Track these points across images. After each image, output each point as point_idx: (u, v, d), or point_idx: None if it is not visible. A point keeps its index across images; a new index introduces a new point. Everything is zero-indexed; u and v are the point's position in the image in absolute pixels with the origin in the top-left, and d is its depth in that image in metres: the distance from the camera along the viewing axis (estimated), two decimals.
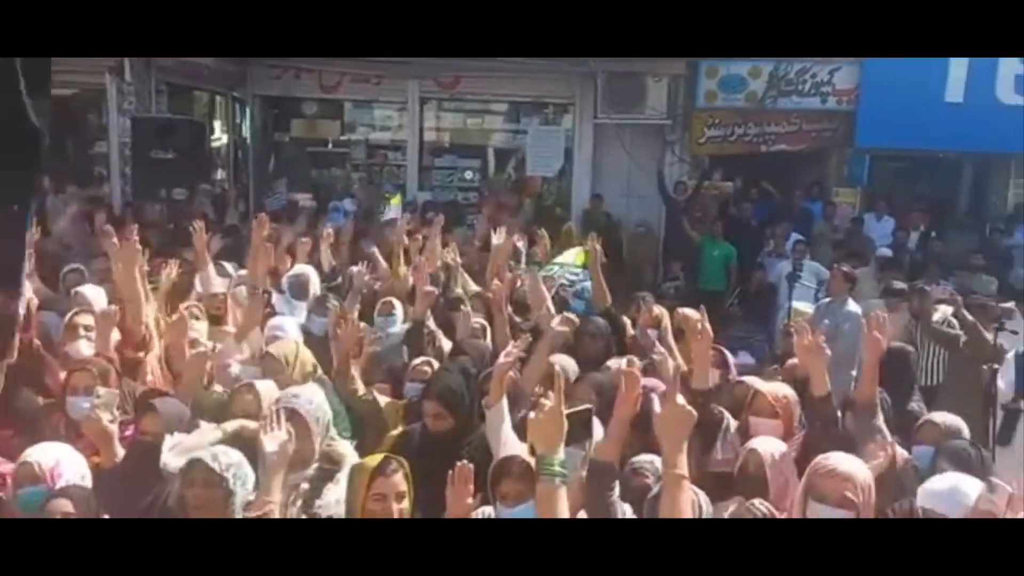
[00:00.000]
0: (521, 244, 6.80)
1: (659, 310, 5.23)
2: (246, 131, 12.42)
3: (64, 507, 2.70)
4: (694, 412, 2.35)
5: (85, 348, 4.13)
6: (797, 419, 3.41)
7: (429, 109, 12.43)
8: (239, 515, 2.65)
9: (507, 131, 12.98)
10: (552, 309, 4.98)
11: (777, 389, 3.48)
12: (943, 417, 3.51)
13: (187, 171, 8.73)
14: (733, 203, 11.58)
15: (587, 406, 2.81)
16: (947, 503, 2.58)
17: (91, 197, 8.99)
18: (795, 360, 4.05)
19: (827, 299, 6.78)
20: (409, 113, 12.08)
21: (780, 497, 2.92)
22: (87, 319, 4.26)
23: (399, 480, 2.68)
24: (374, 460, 2.82)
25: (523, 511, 2.75)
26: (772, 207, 11.42)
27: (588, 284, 6.31)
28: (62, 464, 2.97)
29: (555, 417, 2.30)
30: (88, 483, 2.95)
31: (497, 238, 6.48)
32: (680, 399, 2.39)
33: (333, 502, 2.94)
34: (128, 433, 3.40)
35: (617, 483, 2.91)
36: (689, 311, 4.92)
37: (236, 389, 3.62)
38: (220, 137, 12.07)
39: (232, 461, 2.71)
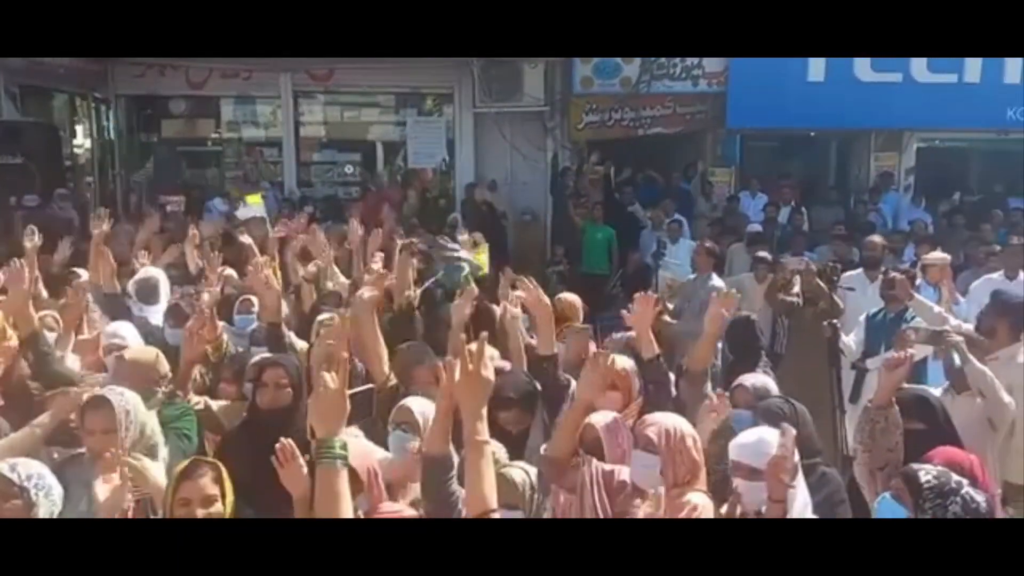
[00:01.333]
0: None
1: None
2: (110, 133, 11.87)
3: None
4: (489, 379, 2.35)
5: None
6: (637, 389, 3.48)
7: (305, 103, 12.18)
8: None
9: (387, 123, 12.82)
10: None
11: (616, 361, 3.54)
12: (752, 379, 3.67)
13: (38, 176, 8.27)
14: (614, 187, 11.78)
15: (369, 386, 2.80)
16: (752, 453, 2.75)
17: None
18: (629, 332, 4.16)
19: (693, 275, 6.97)
20: (283, 108, 11.79)
21: (618, 463, 2.99)
22: None
23: (206, 483, 2.59)
24: (182, 464, 2.74)
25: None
26: (655, 190, 11.69)
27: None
28: None
29: (336, 399, 2.27)
30: None
31: (371, 239, 6.39)
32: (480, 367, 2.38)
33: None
34: None
35: (454, 472, 2.90)
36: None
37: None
38: (83, 142, 11.48)
39: (32, 472, 2.64)
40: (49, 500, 2.62)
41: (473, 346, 2.41)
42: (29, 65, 9.42)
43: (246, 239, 6.65)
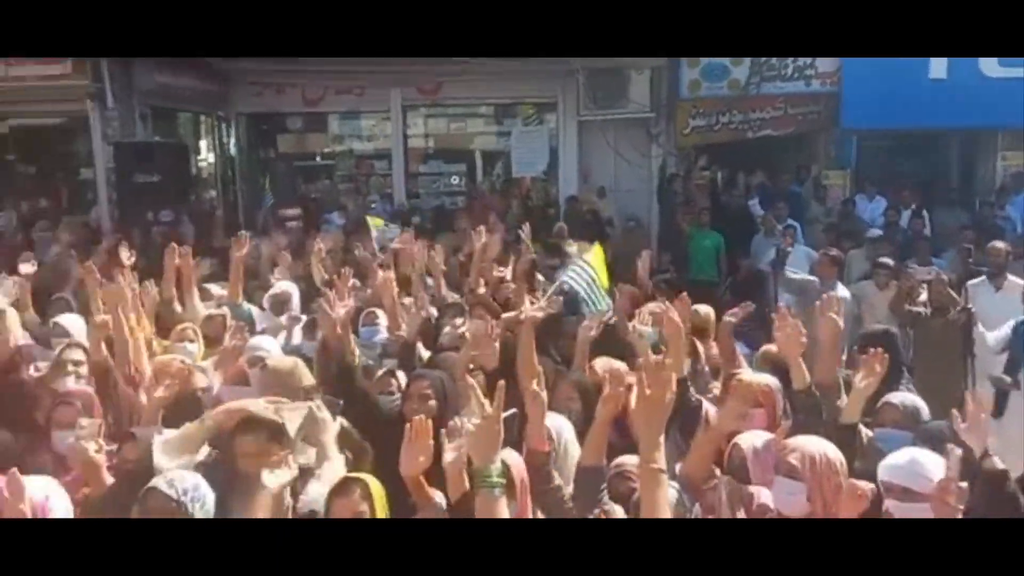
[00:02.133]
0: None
1: (654, 305, 5.24)
2: (232, 150, 12.44)
3: None
4: (668, 404, 2.31)
5: (72, 384, 4.11)
6: (781, 408, 3.39)
7: (412, 116, 12.45)
8: None
9: (491, 134, 13.00)
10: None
11: (760, 378, 3.48)
12: (900, 397, 3.50)
13: (172, 193, 8.75)
14: (721, 191, 11.57)
15: (514, 411, 2.83)
16: (907, 474, 2.66)
17: (82, 224, 9.00)
18: (769, 346, 4.05)
19: (817, 284, 6.75)
20: (393, 122, 12.09)
21: (767, 486, 2.93)
22: (76, 354, 4.25)
23: (356, 500, 2.69)
24: (336, 482, 2.86)
25: None
26: (768, 193, 11.40)
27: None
28: (51, 499, 2.96)
29: (490, 428, 2.29)
30: (71, 516, 2.94)
31: (479, 239, 6.49)
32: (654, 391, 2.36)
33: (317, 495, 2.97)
34: (115, 461, 3.39)
35: (605, 485, 2.93)
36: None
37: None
38: (206, 157, 12.07)
39: (188, 485, 2.71)
40: (204, 511, 2.71)
41: (652, 367, 2.37)
42: (158, 87, 9.98)
43: (363, 253, 6.84)
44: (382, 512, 2.71)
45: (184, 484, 2.71)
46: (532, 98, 12.22)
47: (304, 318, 5.55)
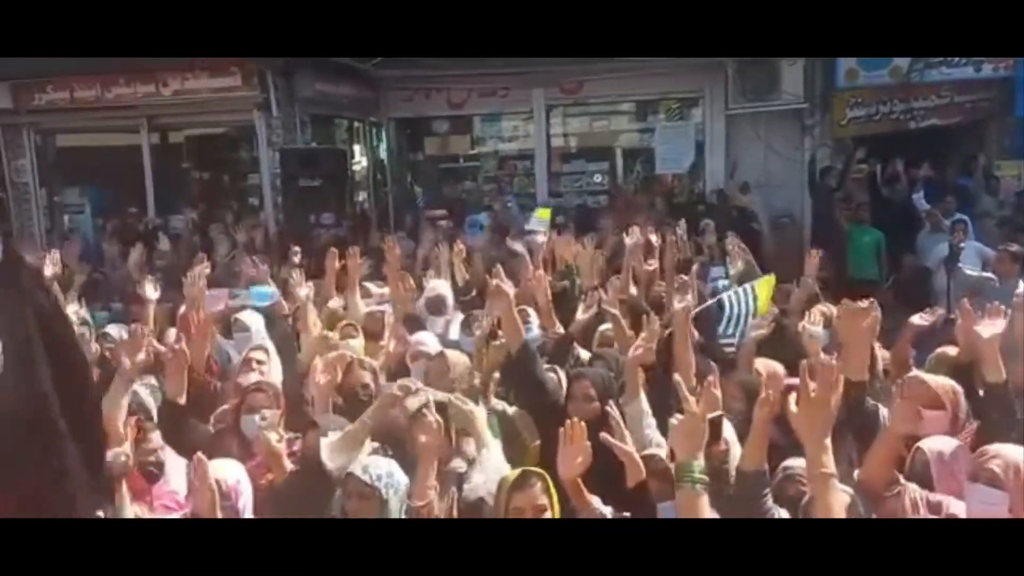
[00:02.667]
0: (655, 239, 6.70)
1: (825, 308, 5.07)
2: (383, 153, 12.94)
3: None
4: (834, 408, 2.24)
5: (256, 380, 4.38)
6: (964, 412, 3.19)
7: (555, 116, 12.53)
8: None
9: (634, 131, 12.89)
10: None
11: (939, 379, 3.28)
12: None
13: (332, 196, 9.20)
14: (881, 185, 10.97)
15: (718, 413, 2.78)
16: None
17: (252, 225, 9.60)
18: (946, 349, 3.81)
19: (996, 282, 6.30)
20: (536, 122, 12.21)
21: (952, 494, 2.78)
22: (260, 355, 4.56)
23: (537, 493, 2.72)
24: (513, 474, 2.91)
25: (665, 509, 2.77)
26: (933, 187, 10.72)
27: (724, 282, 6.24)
28: (241, 483, 3.20)
29: (696, 423, 2.27)
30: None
31: (630, 238, 6.46)
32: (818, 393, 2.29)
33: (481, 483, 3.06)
34: (295, 448, 3.62)
35: (768, 489, 2.86)
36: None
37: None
38: (360, 161, 12.61)
39: (382, 471, 2.87)
40: (398, 497, 2.85)
41: (821, 369, 2.31)
42: (317, 95, 10.53)
43: (521, 248, 6.94)
44: (558, 508, 2.75)
45: (379, 470, 2.87)
46: (677, 93, 12.02)
47: (460, 315, 5.71)
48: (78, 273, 6.97)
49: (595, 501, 2.85)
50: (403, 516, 2.86)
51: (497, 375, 4.34)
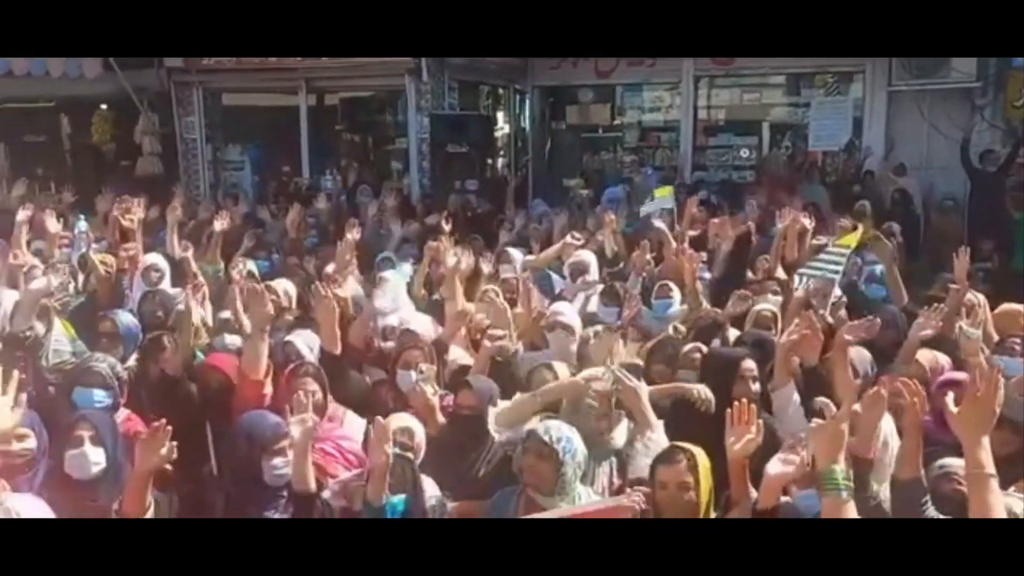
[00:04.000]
0: (809, 223, 6.45)
1: (975, 298, 4.79)
2: (524, 121, 13.02)
3: None
4: (996, 406, 2.15)
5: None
6: None
7: (702, 87, 12.20)
8: (572, 485, 2.89)
9: (787, 105, 12.40)
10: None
11: None
12: None
13: (477, 163, 9.37)
14: None
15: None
16: None
17: (397, 189, 9.92)
18: None
19: None
20: (683, 92, 11.95)
21: None
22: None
23: (682, 470, 2.72)
24: (665, 447, 2.94)
25: (807, 497, 2.72)
26: None
27: (881, 267, 5.94)
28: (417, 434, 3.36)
29: (836, 429, 2.22)
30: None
31: (782, 220, 6.28)
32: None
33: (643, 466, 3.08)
34: (446, 404, 3.78)
35: (928, 496, 2.77)
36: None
37: (535, 368, 3.92)
38: (502, 127, 12.74)
39: (563, 435, 2.92)
40: (575, 463, 2.92)
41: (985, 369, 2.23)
42: (467, 62, 10.69)
43: (661, 224, 6.86)
44: (706, 485, 2.74)
45: (560, 433, 2.94)
46: (836, 67, 11.44)
47: (601, 285, 5.73)
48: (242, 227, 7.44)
49: (753, 492, 2.79)
50: (575, 483, 2.93)
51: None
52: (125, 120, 11.63)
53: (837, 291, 5.16)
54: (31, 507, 2.53)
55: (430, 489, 3.10)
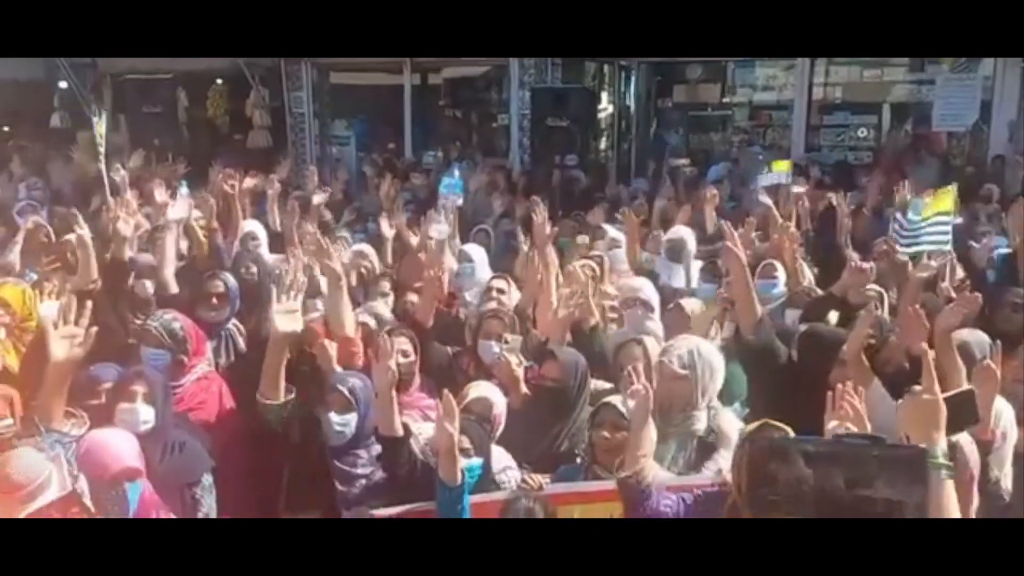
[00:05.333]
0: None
1: None
2: (629, 99, 12.74)
3: None
4: None
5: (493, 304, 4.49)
6: None
7: (819, 64, 11.61)
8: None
9: (910, 83, 11.67)
10: None
11: None
12: None
13: (578, 138, 9.19)
14: None
15: (968, 387, 2.43)
16: None
17: (494, 166, 9.88)
18: None
19: None
20: (798, 70, 11.40)
21: None
22: (501, 283, 4.73)
23: None
24: (753, 426, 2.78)
25: None
26: None
27: (1003, 251, 5.57)
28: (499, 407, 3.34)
29: (928, 405, 1.98)
30: None
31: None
32: None
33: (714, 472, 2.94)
34: (529, 376, 3.68)
35: None
36: None
37: (624, 343, 3.79)
38: (606, 107, 12.51)
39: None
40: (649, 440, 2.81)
41: None
42: None
43: (767, 200, 6.58)
44: None
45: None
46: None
47: (701, 263, 5.54)
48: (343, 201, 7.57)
49: None
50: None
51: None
52: (238, 94, 12.02)
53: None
54: (115, 437, 2.62)
55: (505, 460, 3.04)
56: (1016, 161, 9.57)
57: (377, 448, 3.02)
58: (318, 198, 6.85)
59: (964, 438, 2.57)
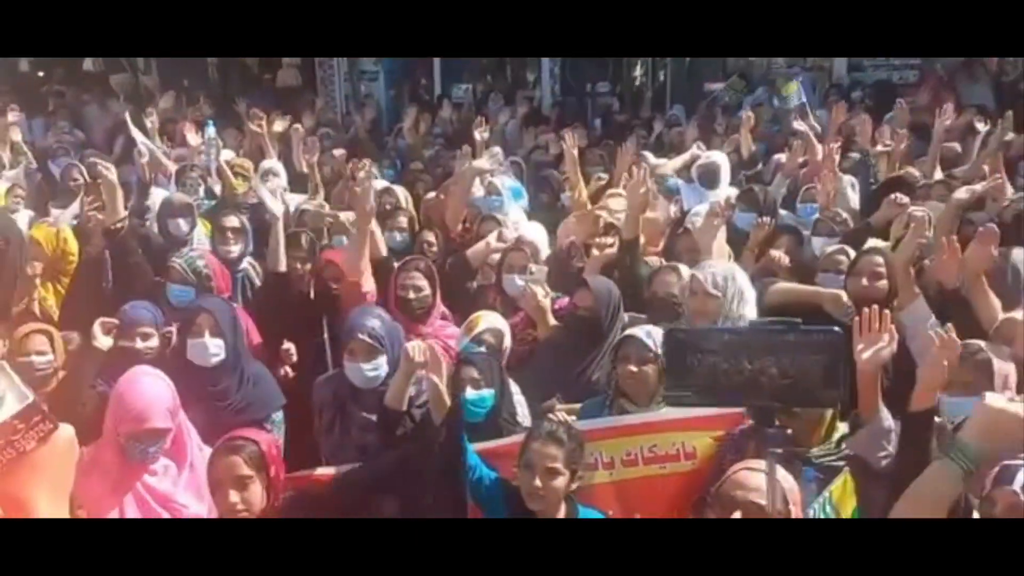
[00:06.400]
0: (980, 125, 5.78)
1: None
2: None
3: None
4: None
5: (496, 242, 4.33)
6: None
7: None
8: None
9: None
10: None
11: None
12: None
13: (610, 64, 8.95)
14: None
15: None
16: None
17: (526, 98, 9.66)
18: None
19: None
20: None
21: None
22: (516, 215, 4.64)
23: None
24: None
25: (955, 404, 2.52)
26: None
27: None
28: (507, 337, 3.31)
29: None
30: None
31: (940, 119, 5.65)
32: None
33: None
34: (558, 307, 3.64)
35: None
36: None
37: (661, 268, 3.75)
38: None
39: (661, 340, 2.76)
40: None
41: None
42: None
43: (803, 127, 6.32)
44: None
45: (658, 339, 2.81)
46: None
47: (735, 190, 5.37)
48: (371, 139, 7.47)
49: (884, 409, 2.52)
50: None
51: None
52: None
53: (1010, 190, 4.58)
54: (150, 390, 2.64)
55: (519, 394, 3.01)
56: None
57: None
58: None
59: None
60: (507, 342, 3.22)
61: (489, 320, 3.24)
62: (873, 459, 2.46)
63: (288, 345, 3.71)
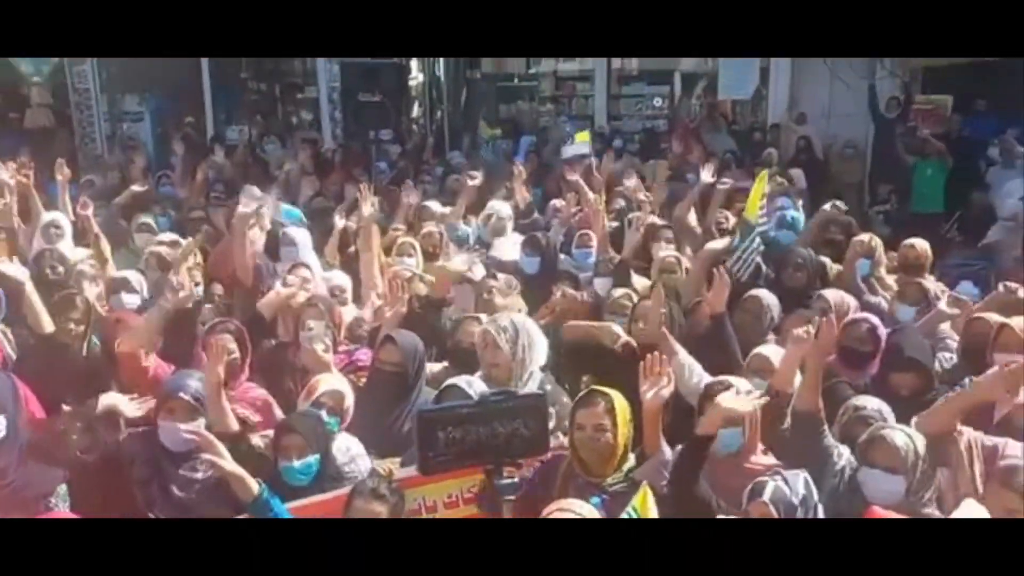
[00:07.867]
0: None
1: (870, 239, 4.97)
2: (439, 70, 12.75)
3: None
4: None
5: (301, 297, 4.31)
6: None
7: None
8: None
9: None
10: None
11: None
12: None
13: (391, 112, 9.13)
14: (949, 117, 10.50)
15: None
16: None
17: (311, 141, 9.57)
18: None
19: None
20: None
21: None
22: (305, 272, 4.57)
23: (599, 413, 2.76)
24: (583, 392, 2.99)
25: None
26: (992, 122, 10.19)
27: (795, 213, 6.11)
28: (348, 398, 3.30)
29: None
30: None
31: (704, 173, 6.26)
32: None
33: None
34: (355, 358, 3.77)
35: (826, 427, 2.92)
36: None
37: (464, 319, 3.97)
38: (416, 76, 12.44)
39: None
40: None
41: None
42: None
43: (574, 176, 6.82)
44: (623, 430, 2.78)
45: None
46: None
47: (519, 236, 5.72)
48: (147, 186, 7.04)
49: (665, 447, 2.87)
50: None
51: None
52: (10, 68, 10.84)
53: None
54: None
55: (355, 448, 3.07)
56: (789, 127, 10.58)
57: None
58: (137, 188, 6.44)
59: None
60: (348, 402, 3.22)
61: (328, 382, 3.23)
62: (657, 485, 2.81)
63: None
